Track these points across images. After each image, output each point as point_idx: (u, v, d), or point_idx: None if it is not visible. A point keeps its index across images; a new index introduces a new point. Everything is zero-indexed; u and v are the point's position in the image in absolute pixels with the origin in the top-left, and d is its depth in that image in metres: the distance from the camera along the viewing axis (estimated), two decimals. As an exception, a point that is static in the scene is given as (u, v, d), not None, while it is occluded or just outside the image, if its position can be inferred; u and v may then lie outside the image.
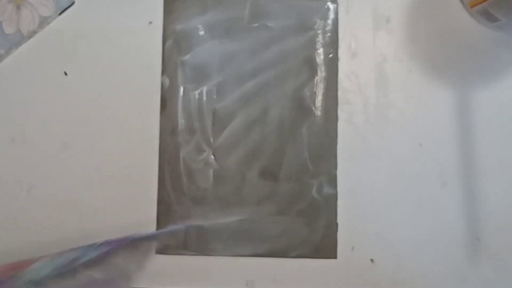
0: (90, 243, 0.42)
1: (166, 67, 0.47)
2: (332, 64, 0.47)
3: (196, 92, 0.47)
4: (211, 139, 0.47)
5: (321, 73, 0.47)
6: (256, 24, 0.47)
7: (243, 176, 0.46)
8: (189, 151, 0.47)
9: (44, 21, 0.48)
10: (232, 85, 0.47)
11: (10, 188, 0.47)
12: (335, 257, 0.45)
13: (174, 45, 0.47)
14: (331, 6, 0.47)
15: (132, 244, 0.43)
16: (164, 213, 0.46)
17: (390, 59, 0.47)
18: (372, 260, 0.45)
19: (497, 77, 0.46)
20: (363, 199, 0.46)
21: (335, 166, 0.46)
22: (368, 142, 0.46)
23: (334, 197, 0.46)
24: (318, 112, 0.46)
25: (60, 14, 0.48)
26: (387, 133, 0.46)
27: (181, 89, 0.47)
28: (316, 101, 0.46)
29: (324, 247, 0.45)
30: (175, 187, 0.46)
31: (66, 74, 0.47)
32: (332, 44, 0.47)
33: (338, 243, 0.45)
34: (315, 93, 0.47)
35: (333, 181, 0.46)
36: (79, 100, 0.47)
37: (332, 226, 0.46)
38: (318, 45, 0.47)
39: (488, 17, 0.44)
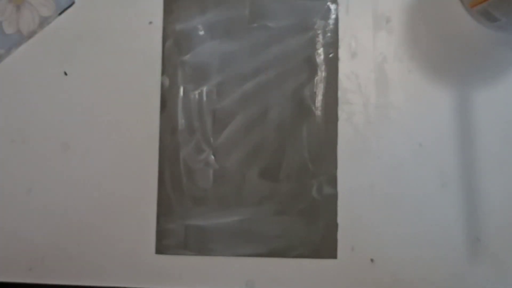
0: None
1: (166, 67, 0.47)
2: (332, 64, 0.47)
3: (196, 92, 0.47)
4: (211, 139, 0.47)
5: (321, 73, 0.47)
6: (256, 24, 0.47)
7: (243, 176, 0.46)
8: (189, 151, 0.47)
9: (44, 21, 0.48)
10: (232, 85, 0.47)
11: (10, 189, 0.47)
12: (335, 257, 0.45)
13: (174, 45, 0.47)
14: (331, 6, 0.47)
15: None
16: (164, 213, 0.46)
17: (390, 59, 0.47)
18: (372, 260, 0.45)
19: (497, 77, 0.46)
20: (363, 199, 0.46)
21: (335, 166, 0.46)
22: (368, 142, 0.46)
23: (334, 197, 0.46)
24: (318, 112, 0.46)
25: (60, 14, 0.48)
26: (387, 133, 0.46)
27: (181, 89, 0.47)
28: (316, 101, 0.46)
29: (324, 247, 0.45)
30: (175, 187, 0.46)
31: (66, 74, 0.47)
32: (332, 44, 0.47)
33: (338, 243, 0.45)
34: (315, 93, 0.47)
35: (333, 181, 0.46)
36: (79, 100, 0.47)
37: (332, 226, 0.46)
38: (318, 45, 0.47)
39: (488, 17, 0.44)
